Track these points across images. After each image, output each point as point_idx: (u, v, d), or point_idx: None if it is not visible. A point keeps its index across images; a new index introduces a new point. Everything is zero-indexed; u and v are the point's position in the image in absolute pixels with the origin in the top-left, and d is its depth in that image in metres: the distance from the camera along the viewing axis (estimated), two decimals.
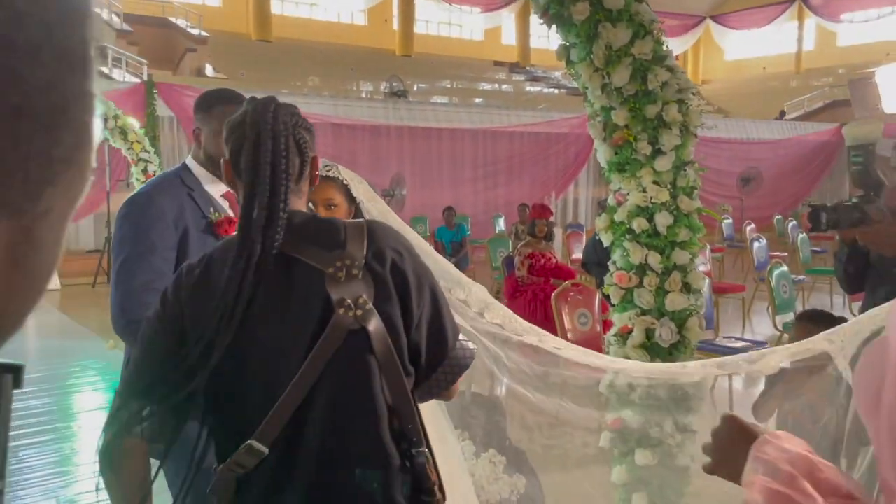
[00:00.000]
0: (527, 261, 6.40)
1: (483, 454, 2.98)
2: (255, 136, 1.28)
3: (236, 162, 1.31)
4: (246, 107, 1.33)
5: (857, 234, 2.55)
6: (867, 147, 2.52)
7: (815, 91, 24.86)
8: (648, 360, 2.42)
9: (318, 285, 1.24)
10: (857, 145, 2.54)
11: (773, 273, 5.81)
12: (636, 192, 2.39)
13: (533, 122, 14.84)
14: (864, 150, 2.52)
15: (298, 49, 22.13)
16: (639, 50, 2.27)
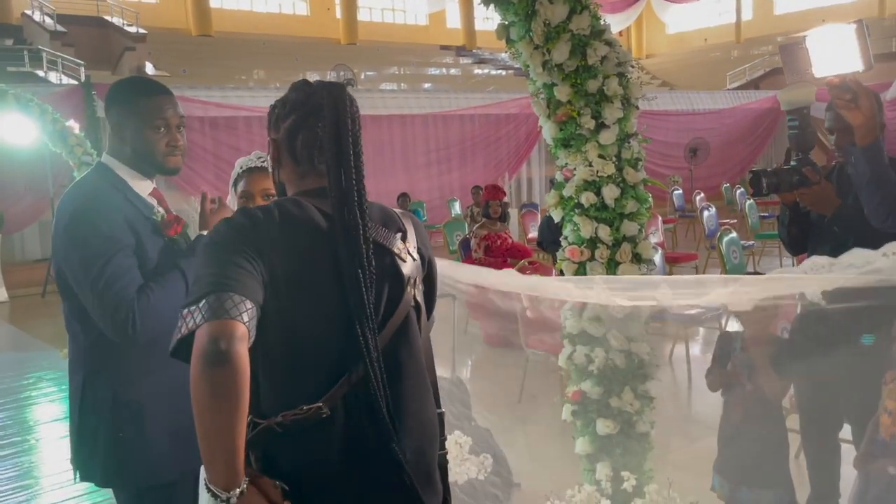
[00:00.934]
0: (483, 242, 6.44)
1: (448, 436, 3.01)
2: (336, 117, 1.35)
3: (294, 143, 1.40)
4: (317, 88, 1.40)
5: (797, 195, 2.62)
6: (801, 111, 2.58)
7: (756, 60, 25.37)
8: (603, 332, 2.46)
9: (390, 262, 1.38)
10: (792, 109, 2.60)
11: (722, 240, 5.95)
12: (582, 166, 2.42)
13: (482, 104, 14.85)
14: (799, 113, 2.59)
15: (241, 42, 21.74)
16: (577, 25, 2.28)
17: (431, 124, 14.25)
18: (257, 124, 11.97)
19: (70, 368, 1.91)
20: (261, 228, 1.27)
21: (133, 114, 1.87)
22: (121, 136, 1.89)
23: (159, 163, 1.91)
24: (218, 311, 1.15)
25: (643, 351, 2.47)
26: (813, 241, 2.71)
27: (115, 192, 1.85)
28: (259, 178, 2.20)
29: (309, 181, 1.42)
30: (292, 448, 1.27)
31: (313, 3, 25.05)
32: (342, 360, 1.29)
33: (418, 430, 1.38)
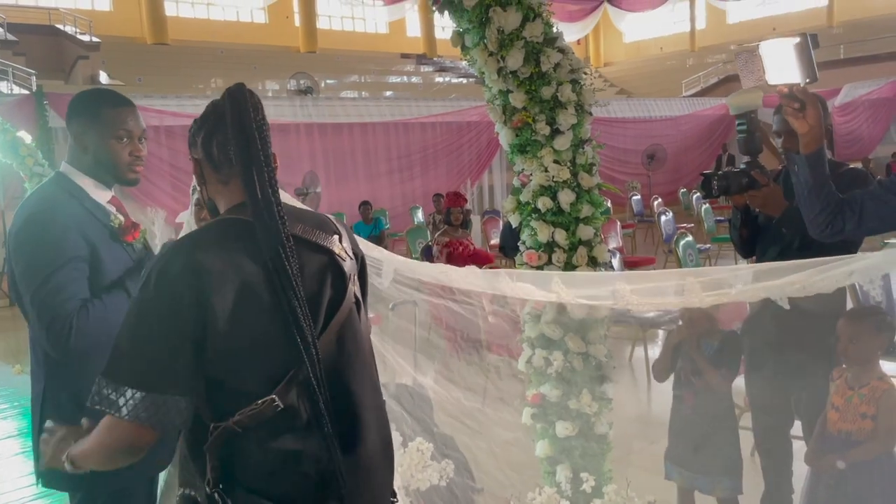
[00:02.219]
0: (445, 249, 6.46)
1: (410, 443, 3.01)
2: (239, 117, 1.35)
3: (210, 151, 1.42)
4: (220, 99, 1.41)
5: (747, 197, 2.68)
6: (749, 115, 2.65)
7: (710, 68, 25.92)
8: (561, 335, 2.49)
9: (331, 261, 1.44)
10: (740, 114, 2.66)
11: (679, 243, 6.06)
12: (539, 172, 2.45)
13: (443, 111, 14.91)
14: (747, 117, 2.65)
15: (198, 51, 21.49)
16: (530, 33, 2.31)
17: (393, 132, 14.25)
18: None
19: (32, 377, 1.93)
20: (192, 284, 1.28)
21: (97, 124, 1.90)
22: (83, 145, 1.92)
23: (121, 173, 1.95)
24: (141, 416, 1.24)
25: (601, 353, 2.50)
26: (762, 243, 2.78)
27: (72, 201, 1.87)
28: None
29: (232, 189, 1.43)
30: (255, 443, 1.30)
31: (272, 11, 24.88)
32: (287, 359, 1.32)
33: (377, 420, 1.47)
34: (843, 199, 2.06)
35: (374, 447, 1.44)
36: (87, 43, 18.76)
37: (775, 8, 26.57)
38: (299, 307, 1.31)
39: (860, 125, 18.51)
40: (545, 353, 2.52)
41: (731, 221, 2.91)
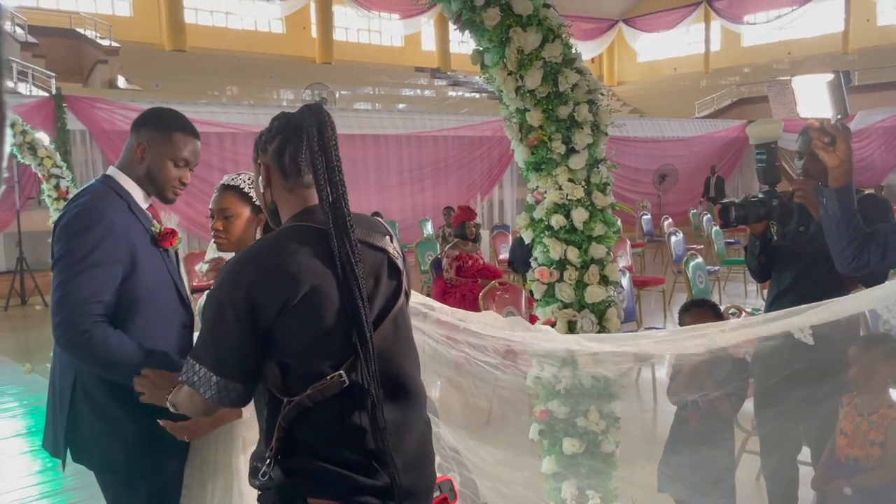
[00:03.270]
0: (455, 262, 6.48)
1: None
2: (319, 133, 1.50)
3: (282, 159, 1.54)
4: (298, 112, 1.55)
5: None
6: (769, 145, 2.67)
7: (724, 90, 25.97)
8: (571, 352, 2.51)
9: (387, 260, 1.59)
10: (760, 144, 2.68)
11: (689, 265, 6.06)
12: (553, 189, 2.48)
13: (456, 125, 14.98)
14: (767, 148, 2.67)
15: (215, 59, 21.69)
16: (549, 53, 2.35)
17: (405, 144, 14.32)
18: (230, 140, 11.93)
19: (58, 365, 2.02)
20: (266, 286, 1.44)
21: (165, 143, 2.03)
22: (142, 155, 2.03)
23: (164, 191, 2.08)
24: (212, 395, 1.47)
25: (610, 372, 2.51)
26: (777, 268, 2.81)
27: (121, 202, 1.98)
28: (221, 196, 2.25)
29: (297, 197, 1.56)
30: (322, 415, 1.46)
31: (289, 21, 25.10)
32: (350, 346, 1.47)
33: (421, 400, 1.62)
34: (868, 233, 2.08)
35: (421, 427, 1.60)
36: (106, 47, 18.96)
37: (790, 32, 26.62)
38: (361, 305, 1.45)
39: (873, 152, 18.50)
40: (554, 370, 2.54)
41: (749, 248, 2.93)
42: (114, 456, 1.97)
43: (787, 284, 2.74)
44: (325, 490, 1.46)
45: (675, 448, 2.74)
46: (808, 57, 24.94)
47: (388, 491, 1.47)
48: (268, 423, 1.50)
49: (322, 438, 1.46)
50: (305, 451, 1.46)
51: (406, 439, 1.54)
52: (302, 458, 1.46)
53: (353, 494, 1.45)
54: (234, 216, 2.19)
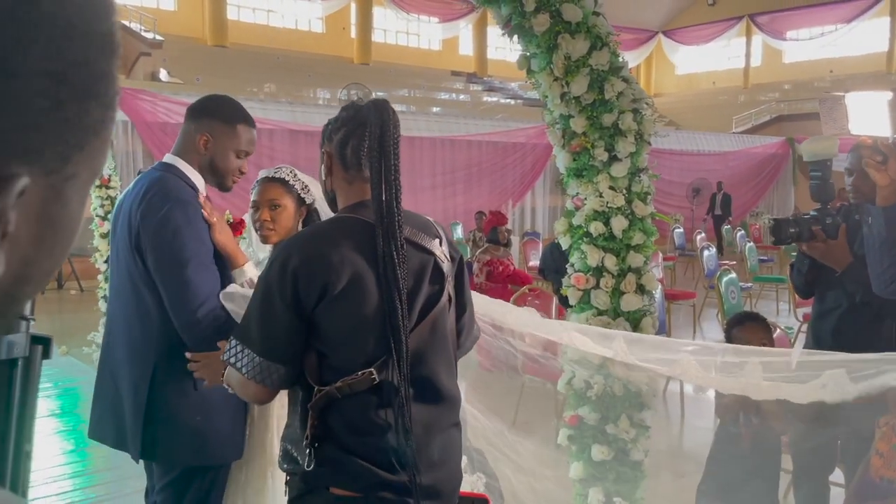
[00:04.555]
0: (485, 267, 6.50)
1: None
2: (381, 131, 1.51)
3: (344, 151, 1.57)
4: (365, 105, 1.58)
5: (806, 247, 2.68)
6: (824, 163, 2.64)
7: (762, 105, 25.65)
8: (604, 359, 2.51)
9: (432, 262, 1.58)
10: (814, 161, 2.65)
11: (722, 280, 6.01)
12: (593, 197, 2.49)
13: (490, 131, 15.00)
14: (822, 165, 2.64)
15: (255, 55, 21.96)
16: (596, 61, 2.37)
17: (439, 147, 14.37)
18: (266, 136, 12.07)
19: (126, 358, 2.02)
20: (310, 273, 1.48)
21: (229, 134, 2.06)
22: (205, 145, 2.05)
23: (225, 181, 2.11)
24: (256, 376, 1.49)
25: (642, 380, 2.52)
26: (821, 287, 2.78)
27: (194, 193, 2.01)
28: (267, 188, 2.28)
29: (355, 189, 1.60)
30: (349, 408, 1.49)
31: (329, 21, 25.33)
32: (384, 344, 1.49)
33: (451, 407, 1.61)
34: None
35: (450, 429, 1.60)
36: (150, 40, 19.30)
37: (833, 50, 26.23)
38: (399, 304, 1.47)
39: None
40: (586, 376, 2.55)
41: (796, 264, 2.90)
42: (184, 450, 2.00)
43: (830, 304, 2.72)
44: (348, 481, 1.48)
45: (719, 467, 2.69)
46: (850, 75, 24.55)
47: (408, 488, 1.48)
48: (301, 407, 1.53)
49: (349, 430, 1.49)
50: (334, 441, 1.49)
51: (432, 440, 1.55)
52: (330, 447, 1.49)
53: (375, 489, 1.48)
54: (282, 207, 2.22)
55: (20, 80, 0.32)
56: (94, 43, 0.36)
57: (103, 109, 0.37)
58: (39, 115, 0.34)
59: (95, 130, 0.37)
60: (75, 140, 0.36)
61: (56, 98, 0.34)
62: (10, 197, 0.33)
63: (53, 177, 0.36)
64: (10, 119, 0.32)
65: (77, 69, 0.35)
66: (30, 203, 0.34)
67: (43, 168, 0.35)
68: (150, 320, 1.96)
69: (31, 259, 0.36)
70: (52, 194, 0.36)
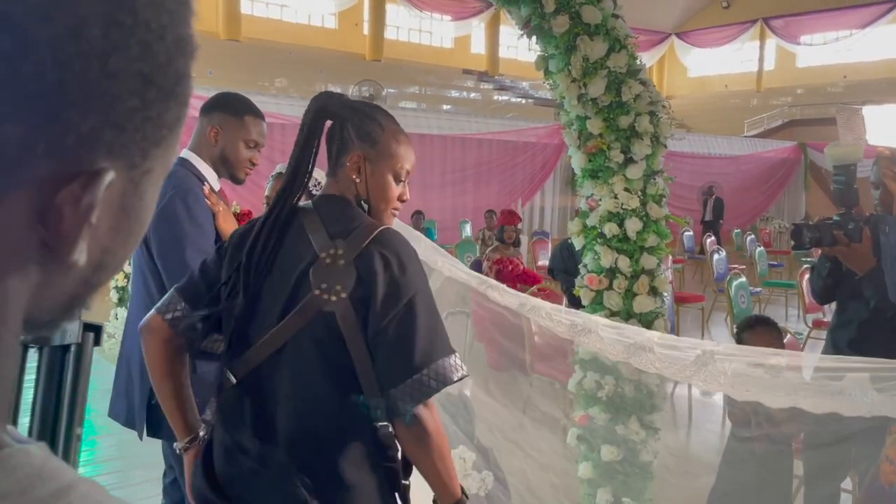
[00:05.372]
0: (495, 266, 6.50)
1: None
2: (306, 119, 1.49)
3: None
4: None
5: (834, 252, 2.67)
6: (849, 167, 2.62)
7: (775, 110, 25.53)
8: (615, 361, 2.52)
9: (307, 262, 1.41)
10: (839, 165, 2.64)
11: (732, 283, 6.00)
12: (608, 198, 2.50)
13: (501, 130, 14.99)
14: (846, 170, 2.63)
15: (267, 50, 22.01)
16: (614, 63, 2.38)
17: (450, 145, 14.37)
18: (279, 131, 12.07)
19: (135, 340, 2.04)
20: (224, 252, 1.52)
21: (237, 125, 2.13)
22: (216, 138, 2.12)
23: (237, 172, 2.17)
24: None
25: (653, 382, 2.53)
26: (843, 294, 2.77)
27: (200, 184, 2.08)
28: (278, 184, 2.36)
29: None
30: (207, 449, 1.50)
31: (342, 17, 25.35)
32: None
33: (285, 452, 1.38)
34: None
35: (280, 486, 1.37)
36: None
37: (847, 55, 26.07)
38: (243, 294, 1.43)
39: None
40: (597, 377, 2.56)
41: (817, 268, 2.89)
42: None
43: (851, 314, 2.71)
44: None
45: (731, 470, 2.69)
46: (864, 81, 24.41)
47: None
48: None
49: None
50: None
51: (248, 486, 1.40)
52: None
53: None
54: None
55: (117, 80, 0.34)
56: (178, 45, 0.38)
57: (180, 108, 0.39)
58: (128, 114, 0.36)
59: (171, 128, 0.39)
60: (155, 137, 0.38)
61: (144, 97, 0.36)
62: (99, 191, 0.35)
63: (133, 171, 0.38)
64: (104, 116, 0.34)
65: (163, 70, 0.37)
66: (111, 196, 0.36)
67: (126, 163, 0.37)
68: (153, 304, 2.01)
69: (109, 248, 0.38)
70: (131, 188, 0.38)
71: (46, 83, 0.32)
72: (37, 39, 0.32)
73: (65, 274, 0.36)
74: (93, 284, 0.39)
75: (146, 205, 0.40)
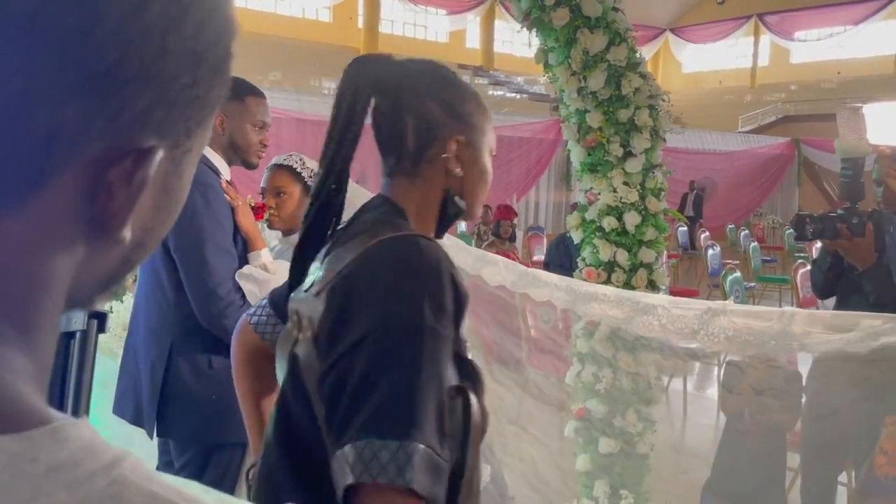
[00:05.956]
0: None
1: None
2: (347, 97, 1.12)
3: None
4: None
5: (835, 242, 2.68)
6: (857, 161, 2.62)
7: (769, 106, 25.59)
8: (613, 353, 2.54)
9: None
10: (847, 158, 2.64)
11: (727, 278, 6.04)
12: (607, 192, 2.51)
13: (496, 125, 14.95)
14: (854, 163, 2.63)
15: (261, 43, 21.92)
16: (614, 56, 2.39)
17: None
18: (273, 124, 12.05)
19: (150, 335, 2.05)
20: None
21: (240, 107, 2.08)
22: (221, 124, 2.07)
23: (249, 156, 2.13)
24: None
25: (651, 374, 2.54)
26: (843, 288, 2.78)
27: (217, 178, 2.03)
28: (274, 175, 2.32)
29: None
30: None
31: (337, 11, 25.28)
32: None
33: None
34: None
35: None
36: None
37: (841, 52, 26.15)
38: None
39: None
40: (595, 370, 2.57)
41: (817, 261, 2.90)
42: (203, 427, 2.01)
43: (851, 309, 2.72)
44: None
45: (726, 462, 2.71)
46: (857, 77, 24.49)
47: None
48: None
49: None
50: None
51: None
52: None
53: None
54: (287, 194, 2.26)
55: (171, 57, 0.34)
56: (225, 25, 0.38)
57: (223, 88, 0.40)
58: (179, 92, 0.36)
59: (213, 108, 0.39)
60: (199, 116, 0.38)
61: (196, 76, 0.36)
62: (151, 169, 0.35)
63: (176, 150, 0.38)
64: (157, 94, 0.35)
65: (212, 49, 0.38)
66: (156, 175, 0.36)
67: (172, 142, 0.37)
68: (166, 300, 2.00)
69: (149, 227, 0.39)
70: (173, 167, 0.38)
71: (107, 61, 0.32)
72: (102, 16, 0.32)
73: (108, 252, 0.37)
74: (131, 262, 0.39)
75: (184, 184, 0.41)
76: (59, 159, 0.33)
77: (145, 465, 0.32)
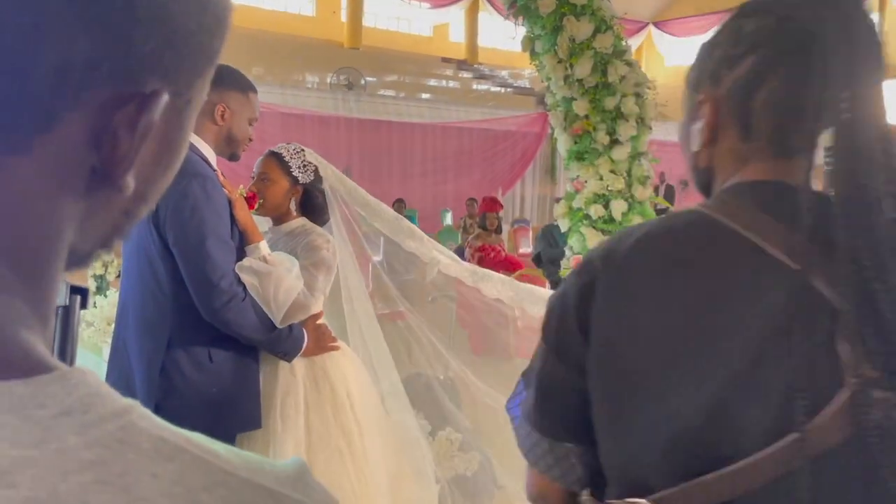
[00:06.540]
0: (477, 253, 6.52)
1: (440, 432, 3.08)
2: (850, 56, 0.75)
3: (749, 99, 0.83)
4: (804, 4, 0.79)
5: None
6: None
7: None
8: None
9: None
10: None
11: None
12: (594, 179, 2.52)
13: (481, 118, 15.00)
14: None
15: (243, 37, 21.73)
16: (600, 44, 2.39)
17: (430, 134, 14.36)
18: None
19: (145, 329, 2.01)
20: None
21: (244, 103, 2.08)
22: (223, 115, 2.04)
23: (239, 150, 2.13)
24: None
25: None
26: None
27: (212, 170, 2.01)
28: (263, 161, 2.35)
29: (751, 169, 0.83)
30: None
31: (320, 4, 25.11)
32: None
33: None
34: None
35: None
36: None
37: None
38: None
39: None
40: None
41: None
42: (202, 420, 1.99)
43: None
44: None
45: None
46: None
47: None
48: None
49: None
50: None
51: None
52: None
53: None
54: (270, 181, 2.26)
55: (180, 1, 0.34)
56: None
57: (223, 39, 0.39)
58: (185, 37, 0.35)
59: (212, 60, 0.39)
60: (200, 66, 0.38)
61: (201, 22, 0.36)
62: (156, 113, 0.35)
63: (178, 99, 0.37)
64: (164, 36, 0.34)
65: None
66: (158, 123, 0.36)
67: (174, 89, 0.37)
68: (162, 292, 1.96)
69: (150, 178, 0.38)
70: (174, 116, 0.38)
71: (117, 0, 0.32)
72: None
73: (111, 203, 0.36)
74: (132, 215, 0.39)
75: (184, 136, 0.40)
76: (67, 100, 0.32)
77: (153, 416, 0.32)
